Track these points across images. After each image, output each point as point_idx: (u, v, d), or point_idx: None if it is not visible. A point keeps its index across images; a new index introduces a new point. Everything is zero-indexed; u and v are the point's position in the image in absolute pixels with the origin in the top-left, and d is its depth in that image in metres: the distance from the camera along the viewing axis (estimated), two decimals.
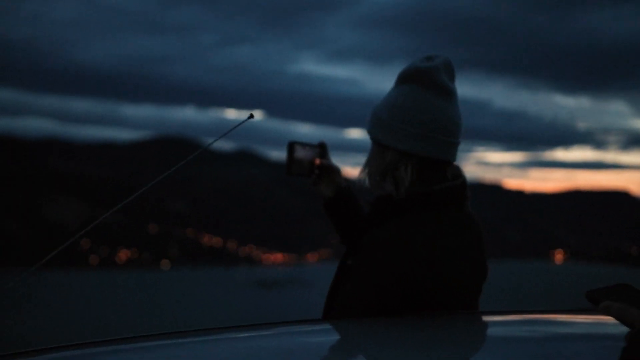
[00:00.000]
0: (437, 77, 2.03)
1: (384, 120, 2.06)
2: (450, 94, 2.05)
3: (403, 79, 2.08)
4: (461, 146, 2.07)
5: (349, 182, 2.44)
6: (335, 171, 2.43)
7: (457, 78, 2.10)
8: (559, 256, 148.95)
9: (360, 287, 1.93)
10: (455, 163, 2.12)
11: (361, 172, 2.14)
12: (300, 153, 2.38)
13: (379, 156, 2.07)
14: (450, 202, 2.03)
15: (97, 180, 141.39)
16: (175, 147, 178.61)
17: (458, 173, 2.10)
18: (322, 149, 2.44)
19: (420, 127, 2.01)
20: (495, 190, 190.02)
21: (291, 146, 2.36)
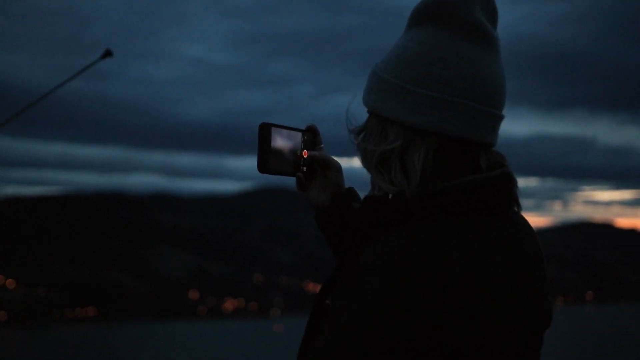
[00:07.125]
0: (469, 14, 1.27)
1: (386, 81, 1.29)
2: (490, 40, 1.28)
3: (417, 19, 1.31)
4: (568, 185, 1.20)
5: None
6: (333, 167, 1.58)
7: (561, 115, 1.26)
8: None
9: (340, 340, 1.18)
10: (497, 149, 1.34)
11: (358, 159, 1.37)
12: (279, 141, 1.53)
13: (379, 135, 1.30)
14: (486, 206, 1.26)
15: (203, 232, 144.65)
16: (276, 195, 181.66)
17: (499, 162, 1.32)
18: (311, 134, 1.59)
19: (442, 89, 1.25)
20: (606, 230, 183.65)
21: (264, 129, 1.51)
